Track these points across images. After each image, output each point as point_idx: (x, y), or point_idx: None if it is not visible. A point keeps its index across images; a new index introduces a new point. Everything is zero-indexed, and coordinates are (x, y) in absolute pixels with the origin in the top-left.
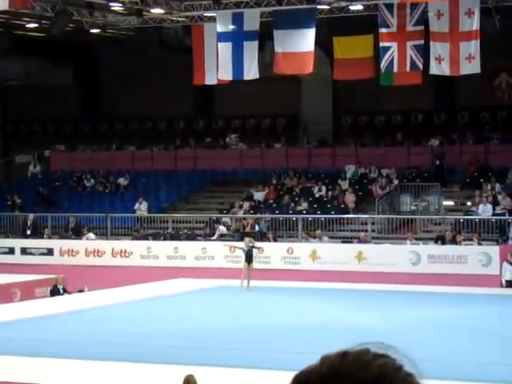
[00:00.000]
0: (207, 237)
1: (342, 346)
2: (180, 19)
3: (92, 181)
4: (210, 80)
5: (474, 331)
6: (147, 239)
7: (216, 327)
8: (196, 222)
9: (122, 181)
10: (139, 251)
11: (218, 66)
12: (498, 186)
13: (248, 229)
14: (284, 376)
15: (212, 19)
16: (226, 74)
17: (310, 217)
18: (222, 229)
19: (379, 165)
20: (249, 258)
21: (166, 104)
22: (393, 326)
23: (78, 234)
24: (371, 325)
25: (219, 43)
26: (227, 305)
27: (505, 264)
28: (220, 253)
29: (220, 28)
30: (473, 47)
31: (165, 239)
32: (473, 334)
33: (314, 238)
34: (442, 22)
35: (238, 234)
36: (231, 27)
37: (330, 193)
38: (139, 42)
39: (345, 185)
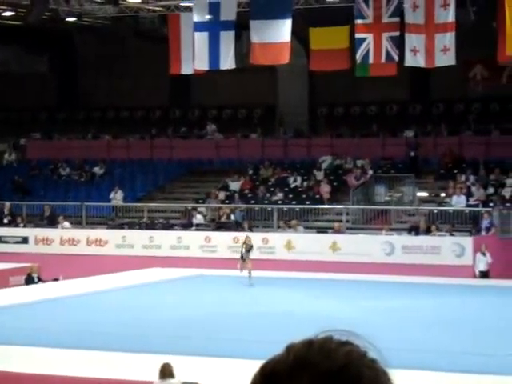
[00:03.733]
0: (184, 226)
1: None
2: (156, 8)
3: (68, 169)
4: (187, 70)
5: (447, 321)
6: (122, 228)
7: (190, 316)
8: (172, 212)
9: (97, 170)
10: (114, 240)
11: (194, 55)
12: (472, 178)
13: (224, 218)
14: (252, 365)
15: (188, 9)
16: (202, 64)
17: (286, 207)
18: (199, 217)
19: (354, 156)
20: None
21: (142, 93)
22: (365, 316)
23: (53, 222)
24: (344, 315)
25: (196, 33)
26: (202, 294)
27: (478, 255)
28: (195, 242)
29: (196, 18)
30: (448, 39)
31: (140, 228)
32: (445, 324)
33: (290, 228)
34: (418, 14)
35: (214, 224)
36: (208, 17)
37: (305, 183)
38: (116, 31)
39: (320, 175)
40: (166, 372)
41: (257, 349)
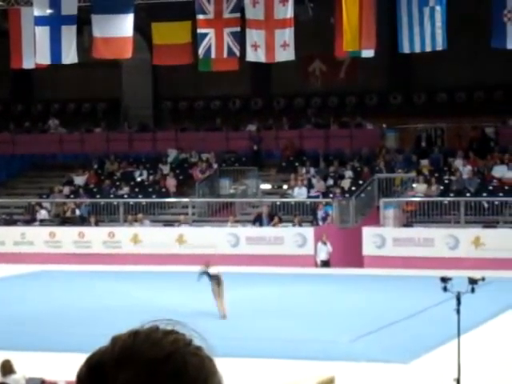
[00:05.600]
0: (28, 222)
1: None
2: None
3: None
4: (28, 64)
5: (290, 310)
6: None
7: (32, 312)
8: (15, 208)
9: None
10: None
11: (35, 50)
12: (312, 170)
13: (69, 213)
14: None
15: (29, 3)
16: (43, 58)
17: (132, 201)
18: (43, 213)
19: (199, 149)
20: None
21: None
22: (209, 307)
23: None
24: (188, 306)
25: (36, 27)
26: (46, 290)
27: (319, 244)
28: (40, 238)
29: (37, 12)
30: (287, 34)
31: None
32: (288, 313)
33: (136, 221)
34: (258, 10)
35: (58, 219)
36: (48, 11)
37: (151, 177)
38: None
39: (166, 169)
40: (7, 368)
41: (91, 342)
